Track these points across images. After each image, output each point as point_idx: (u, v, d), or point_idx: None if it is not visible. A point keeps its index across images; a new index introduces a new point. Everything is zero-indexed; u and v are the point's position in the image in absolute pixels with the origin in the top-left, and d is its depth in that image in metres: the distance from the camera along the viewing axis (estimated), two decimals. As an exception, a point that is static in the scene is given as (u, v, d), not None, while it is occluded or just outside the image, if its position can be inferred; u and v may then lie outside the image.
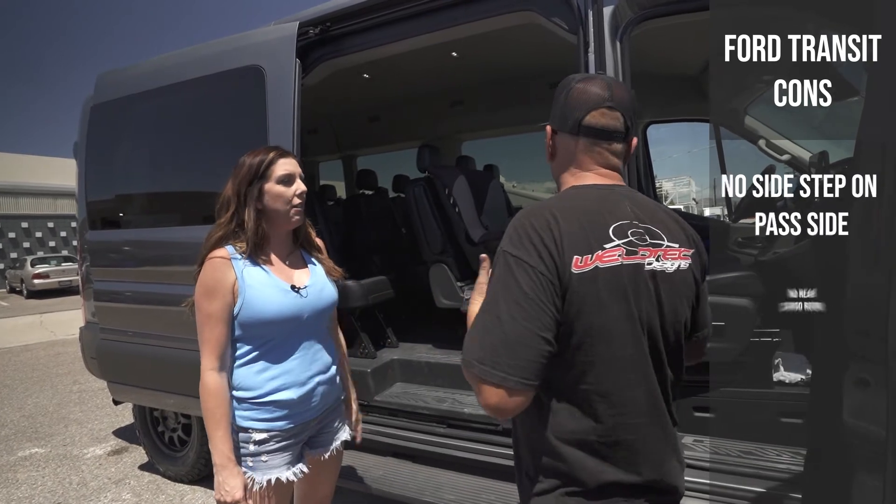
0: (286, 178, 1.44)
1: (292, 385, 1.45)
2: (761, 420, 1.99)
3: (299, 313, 1.46)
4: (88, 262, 3.17)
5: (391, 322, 3.38)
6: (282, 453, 1.46)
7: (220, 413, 1.38)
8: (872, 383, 0.82)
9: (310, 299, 1.49)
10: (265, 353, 1.44)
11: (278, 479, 1.44)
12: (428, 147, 3.48)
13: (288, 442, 1.48)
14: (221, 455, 1.36)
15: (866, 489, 0.84)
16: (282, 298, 1.43)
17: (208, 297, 1.38)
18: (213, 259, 1.40)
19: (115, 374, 3.10)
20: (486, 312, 0.85)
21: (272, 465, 1.44)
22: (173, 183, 2.87)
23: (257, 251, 1.43)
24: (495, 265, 0.89)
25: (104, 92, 3.02)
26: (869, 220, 0.83)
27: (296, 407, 1.47)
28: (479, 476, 2.24)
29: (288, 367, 1.45)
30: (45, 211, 22.70)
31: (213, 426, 1.37)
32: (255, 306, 1.39)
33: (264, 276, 1.43)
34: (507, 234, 0.89)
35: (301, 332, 1.49)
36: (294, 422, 1.47)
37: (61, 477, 3.45)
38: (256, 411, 1.43)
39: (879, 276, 0.81)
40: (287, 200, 1.44)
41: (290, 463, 1.48)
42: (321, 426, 1.60)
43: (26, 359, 7.59)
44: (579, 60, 1.89)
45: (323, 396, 1.54)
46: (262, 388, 1.42)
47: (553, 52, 2.34)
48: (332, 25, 2.39)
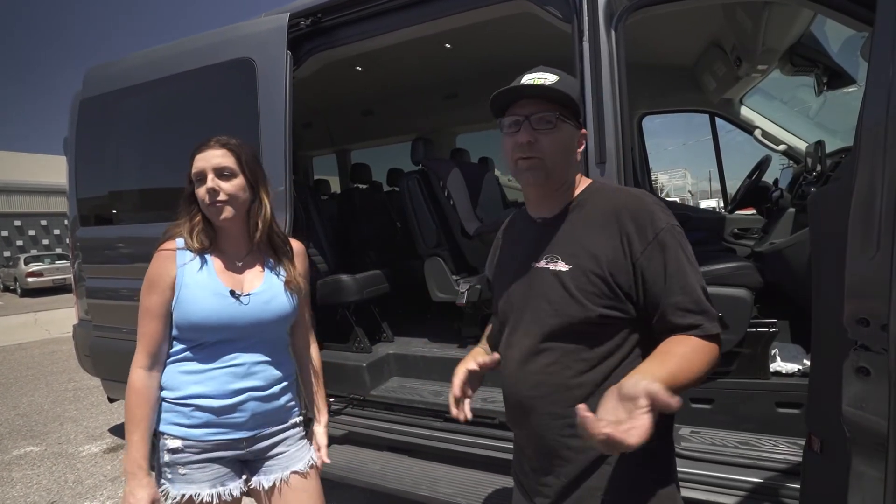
0: (197, 175, 1.32)
1: (215, 393, 1.30)
2: (758, 411, 1.99)
3: (233, 321, 1.31)
4: (81, 260, 3.14)
5: (386, 316, 3.37)
6: (203, 468, 1.31)
7: (140, 414, 1.28)
8: (873, 373, 0.81)
9: (250, 308, 1.33)
10: (195, 353, 1.32)
11: (196, 497, 1.29)
12: (422, 140, 3.46)
13: (209, 456, 1.32)
14: (132, 462, 1.25)
15: (866, 481, 0.83)
16: (214, 303, 1.30)
17: (147, 290, 1.32)
18: (159, 251, 1.34)
19: (109, 371, 3.08)
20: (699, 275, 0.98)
21: (191, 479, 1.30)
22: (164, 178, 2.83)
23: (202, 247, 1.33)
24: (668, 236, 0.96)
25: (93, 86, 2.98)
26: (869, 207, 0.81)
27: (216, 418, 1.31)
28: (476, 469, 2.24)
29: (215, 373, 1.31)
30: (38, 209, 22.59)
31: (131, 428, 1.27)
32: (184, 306, 1.29)
33: (204, 275, 1.32)
34: (660, 212, 0.98)
35: (237, 341, 1.33)
36: (214, 435, 1.31)
37: (56, 475, 3.44)
38: (174, 414, 1.32)
39: (880, 263, 0.79)
40: (201, 199, 1.31)
41: (216, 483, 1.31)
42: (257, 449, 1.39)
43: (21, 357, 7.56)
44: (574, 50, 1.86)
45: (255, 415, 1.35)
46: (182, 390, 1.31)
47: (547, 42, 2.30)
48: (323, 16, 2.35)
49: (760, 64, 3.08)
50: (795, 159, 3.41)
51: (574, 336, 0.99)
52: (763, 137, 3.48)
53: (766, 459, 1.80)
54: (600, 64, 1.82)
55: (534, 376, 1.03)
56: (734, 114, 3.68)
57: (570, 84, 1.04)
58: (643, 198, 1.00)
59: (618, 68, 1.82)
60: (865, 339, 0.82)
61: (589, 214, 1.03)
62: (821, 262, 1.10)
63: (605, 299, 0.96)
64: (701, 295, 0.95)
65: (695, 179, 40.90)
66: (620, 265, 0.96)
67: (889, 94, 0.78)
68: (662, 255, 0.95)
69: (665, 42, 3.38)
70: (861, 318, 0.83)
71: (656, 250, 0.95)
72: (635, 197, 1.01)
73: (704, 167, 54.35)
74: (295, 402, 1.49)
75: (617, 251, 0.96)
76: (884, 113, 0.78)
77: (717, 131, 3.95)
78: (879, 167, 0.78)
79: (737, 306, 1.99)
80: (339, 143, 5.72)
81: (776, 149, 3.45)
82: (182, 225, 1.36)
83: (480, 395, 2.48)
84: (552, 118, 0.99)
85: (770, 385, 2.00)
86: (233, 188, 1.32)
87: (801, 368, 2.03)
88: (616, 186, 1.11)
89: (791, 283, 2.18)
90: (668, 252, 0.95)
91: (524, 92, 1.00)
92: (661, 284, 0.95)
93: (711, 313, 0.94)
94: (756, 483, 1.73)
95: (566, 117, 1.01)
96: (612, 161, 1.81)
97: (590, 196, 1.06)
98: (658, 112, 4.31)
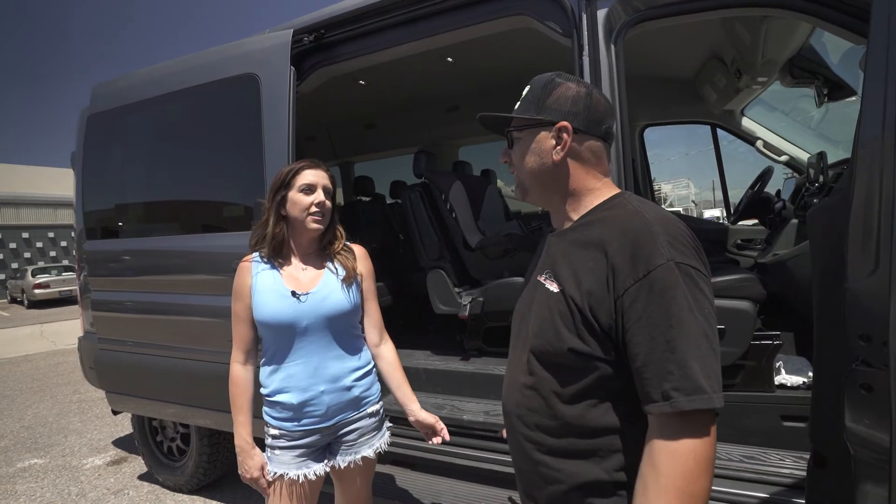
0: (307, 187, 1.51)
1: (293, 389, 1.51)
2: (763, 424, 1.97)
3: (296, 320, 1.48)
4: (86, 272, 3.16)
5: (389, 328, 3.35)
6: (290, 452, 1.54)
7: (240, 401, 1.54)
8: (875, 389, 0.81)
9: (308, 305, 1.49)
10: (274, 354, 1.54)
11: (284, 476, 1.52)
12: (424, 153, 3.47)
13: (297, 442, 1.54)
14: (240, 438, 1.52)
15: (871, 497, 0.82)
16: (279, 303, 1.48)
17: (234, 298, 1.55)
18: (240, 264, 1.57)
19: (113, 383, 3.08)
20: (701, 335, 0.76)
21: (281, 460, 1.54)
22: (170, 192, 2.86)
23: (275, 255, 1.54)
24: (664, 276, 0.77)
25: (100, 102, 3.02)
26: (868, 221, 0.81)
27: (297, 411, 1.51)
28: (479, 483, 2.22)
29: (291, 371, 1.51)
30: (45, 221, 22.78)
31: (234, 412, 1.54)
32: (257, 309, 1.50)
33: (272, 280, 1.52)
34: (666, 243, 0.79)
35: (303, 339, 1.51)
36: (299, 425, 1.53)
37: (60, 488, 3.43)
38: (269, 408, 1.56)
39: (879, 279, 0.79)
40: (304, 208, 1.50)
41: (300, 464, 1.54)
42: (338, 436, 1.60)
43: (26, 369, 7.58)
44: (574, 64, 1.88)
45: (331, 406, 1.54)
46: (270, 387, 1.54)
47: (549, 55, 2.33)
48: (326, 32, 2.39)
49: (760, 76, 3.09)
50: (798, 170, 3.41)
51: (551, 365, 0.91)
52: (765, 148, 3.48)
53: (773, 474, 1.78)
54: (600, 78, 1.83)
55: (517, 393, 0.98)
56: (736, 125, 3.69)
57: (534, 88, 0.98)
58: (653, 225, 0.82)
59: (617, 82, 1.84)
60: (866, 355, 0.82)
61: (590, 234, 0.90)
62: (821, 277, 1.10)
63: (581, 332, 0.84)
64: (688, 358, 0.74)
65: (698, 189, 40.85)
66: (601, 299, 0.82)
67: (885, 110, 0.78)
68: (649, 296, 0.77)
69: (665, 55, 3.41)
70: (862, 333, 0.82)
71: (643, 290, 0.78)
72: (644, 222, 0.83)
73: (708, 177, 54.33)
74: (371, 392, 1.65)
75: (601, 283, 0.83)
76: (880, 129, 0.79)
77: (719, 142, 3.96)
78: (877, 182, 0.79)
79: (740, 318, 1.98)
80: (342, 155, 5.76)
81: (778, 160, 3.45)
82: (261, 233, 1.56)
83: (484, 408, 2.47)
84: (510, 136, 1.00)
85: (775, 398, 1.99)
86: (328, 206, 1.56)
87: (806, 381, 2.01)
88: (637, 206, 0.89)
89: (795, 294, 2.17)
90: (655, 295, 0.77)
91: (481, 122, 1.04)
92: (639, 334, 0.78)
93: (692, 385, 0.74)
94: (762, 498, 1.70)
95: (523, 125, 0.96)
96: (613, 173, 1.81)
97: (603, 212, 0.93)
98: (659, 124, 4.32)
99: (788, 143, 3.48)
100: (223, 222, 2.67)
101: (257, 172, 2.33)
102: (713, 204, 32.64)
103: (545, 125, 0.94)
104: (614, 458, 0.86)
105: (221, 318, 2.40)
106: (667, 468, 0.74)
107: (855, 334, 0.83)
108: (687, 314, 0.76)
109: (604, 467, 0.86)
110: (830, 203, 1.19)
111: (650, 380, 0.77)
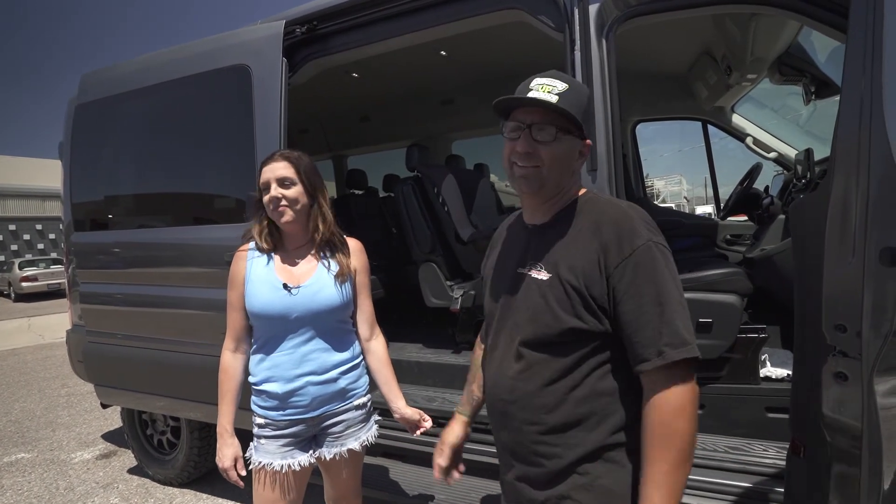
0: (263, 185, 1.51)
1: (279, 378, 1.51)
2: (748, 415, 2.00)
3: (286, 312, 1.49)
4: (75, 265, 3.13)
5: (381, 321, 3.36)
6: (275, 441, 1.54)
7: (226, 388, 1.55)
8: (850, 378, 0.83)
9: (299, 299, 1.49)
10: (264, 344, 1.55)
11: (268, 466, 1.53)
12: (417, 146, 3.48)
13: (283, 432, 1.54)
14: (220, 426, 1.53)
15: (845, 482, 0.85)
16: (270, 295, 1.49)
17: (229, 286, 1.57)
18: (237, 252, 1.59)
19: (102, 377, 3.07)
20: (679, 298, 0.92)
21: (267, 450, 1.54)
22: (160, 183, 2.84)
23: (269, 247, 1.55)
24: (646, 254, 0.92)
25: (89, 92, 2.98)
26: (845, 216, 0.84)
27: (283, 400, 1.52)
28: (469, 475, 2.23)
29: (277, 360, 1.52)
30: (33, 213, 22.47)
31: (219, 399, 1.55)
32: (249, 299, 1.52)
33: (265, 271, 1.52)
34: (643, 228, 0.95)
35: (292, 330, 1.51)
36: (284, 415, 1.53)
37: (48, 482, 3.41)
38: (256, 397, 1.57)
39: (854, 271, 0.81)
40: (267, 205, 1.51)
41: (286, 454, 1.54)
42: (324, 427, 1.60)
43: (13, 363, 7.50)
44: (566, 59, 1.89)
45: (316, 397, 1.54)
46: (257, 376, 1.55)
47: (542, 49, 2.33)
48: (318, 24, 2.38)
49: (750, 73, 3.12)
50: (786, 167, 3.45)
51: (547, 345, 0.99)
52: (754, 145, 3.52)
53: (757, 464, 1.81)
54: (591, 72, 1.84)
55: (510, 381, 1.03)
56: (726, 121, 3.72)
57: (578, 95, 1.00)
58: (629, 212, 0.98)
59: (609, 77, 1.85)
60: (843, 344, 0.84)
61: (575, 225, 1.01)
62: (802, 270, 1.12)
63: (579, 312, 0.95)
64: (674, 318, 0.90)
65: (690, 185, 41.15)
66: (595, 278, 0.94)
67: (861, 108, 0.80)
68: (635, 271, 0.92)
69: (657, 51, 3.43)
70: (838, 324, 0.84)
71: (629, 266, 0.92)
72: (621, 211, 0.99)
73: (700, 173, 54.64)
74: (358, 385, 1.65)
75: (593, 264, 0.95)
76: (857, 126, 0.81)
77: (710, 139, 4.00)
78: (854, 177, 0.81)
79: (727, 312, 2.01)
80: (335, 148, 5.74)
81: (767, 156, 3.49)
82: (254, 227, 1.58)
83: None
84: (552, 132, 0.97)
85: (760, 390, 2.02)
86: (293, 195, 1.50)
87: (790, 373, 2.05)
88: (608, 199, 1.08)
89: (781, 288, 2.20)
90: (641, 269, 0.92)
91: (527, 104, 0.99)
92: (629, 303, 0.91)
93: (679, 340, 0.89)
94: (746, 488, 1.74)
95: (568, 130, 0.99)
96: (604, 168, 1.83)
97: (581, 206, 1.04)
98: (651, 119, 4.35)
99: (777, 140, 3.53)
100: (214, 214, 2.66)
101: (249, 164, 2.32)
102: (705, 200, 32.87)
103: (579, 136, 1.02)
104: (610, 420, 0.96)
105: (211, 310, 2.40)
106: (666, 413, 0.88)
107: (832, 324, 0.86)
108: (668, 283, 0.92)
109: (601, 430, 0.96)
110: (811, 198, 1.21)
111: (642, 342, 0.91)
